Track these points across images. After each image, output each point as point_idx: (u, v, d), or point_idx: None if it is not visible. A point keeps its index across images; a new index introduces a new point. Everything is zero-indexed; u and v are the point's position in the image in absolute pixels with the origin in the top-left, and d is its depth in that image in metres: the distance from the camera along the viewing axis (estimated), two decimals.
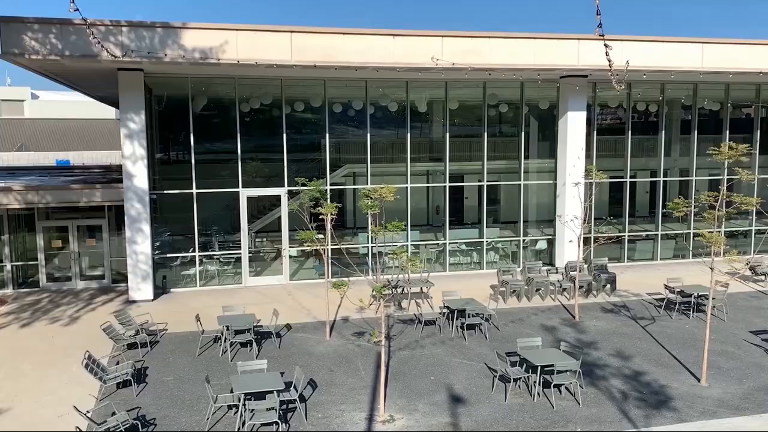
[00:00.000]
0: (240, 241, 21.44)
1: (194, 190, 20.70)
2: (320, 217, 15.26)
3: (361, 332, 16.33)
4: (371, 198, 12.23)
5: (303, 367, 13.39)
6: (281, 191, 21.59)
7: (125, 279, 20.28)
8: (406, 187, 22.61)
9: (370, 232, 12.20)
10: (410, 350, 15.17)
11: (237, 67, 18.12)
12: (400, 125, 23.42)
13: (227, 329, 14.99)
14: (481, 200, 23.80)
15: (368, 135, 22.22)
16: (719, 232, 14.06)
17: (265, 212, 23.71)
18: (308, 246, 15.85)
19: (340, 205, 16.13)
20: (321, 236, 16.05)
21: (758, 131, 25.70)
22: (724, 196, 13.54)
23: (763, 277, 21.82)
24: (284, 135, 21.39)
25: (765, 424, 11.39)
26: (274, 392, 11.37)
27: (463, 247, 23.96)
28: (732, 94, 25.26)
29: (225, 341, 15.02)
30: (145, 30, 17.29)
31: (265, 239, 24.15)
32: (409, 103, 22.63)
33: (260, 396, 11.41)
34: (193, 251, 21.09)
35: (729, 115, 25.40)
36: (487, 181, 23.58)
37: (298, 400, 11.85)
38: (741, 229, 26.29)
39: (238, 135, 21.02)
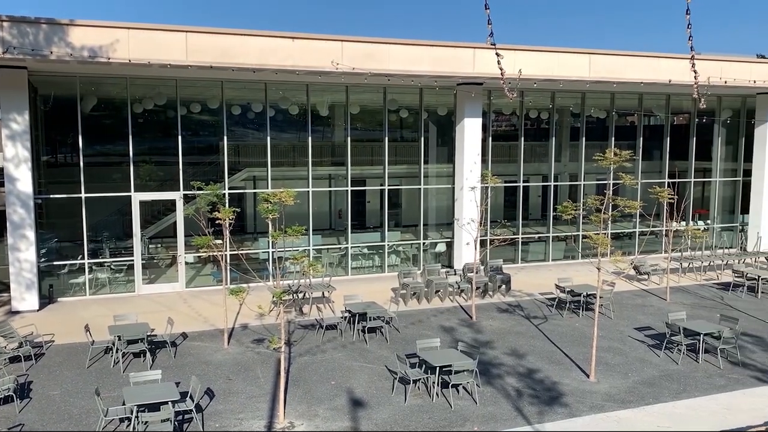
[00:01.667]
0: (132, 247, 20.62)
1: (83, 195, 19.74)
2: (218, 221, 14.91)
3: (260, 339, 16.07)
4: (270, 202, 12.06)
5: (200, 377, 13.02)
6: (176, 195, 20.93)
7: (8, 288, 19.06)
8: (308, 191, 22.48)
9: (270, 237, 12.00)
10: (311, 355, 15.07)
11: (129, 66, 17.44)
12: (301, 128, 23.29)
13: (119, 339, 14.36)
14: (382, 204, 24.02)
15: (268, 138, 21.93)
16: (605, 233, 14.80)
17: (159, 217, 22.96)
18: (205, 252, 15.45)
19: (238, 210, 15.82)
20: (219, 241, 15.69)
21: (641, 138, 27.29)
22: (610, 200, 14.27)
23: (646, 276, 23.17)
24: (180, 137, 20.76)
25: (648, 415, 12.06)
26: (169, 403, 10.99)
27: (365, 250, 24.08)
28: (617, 102, 26.70)
29: (116, 352, 14.39)
30: (28, 26, 16.33)
31: (159, 245, 23.38)
32: (310, 107, 22.52)
33: (154, 407, 11.00)
34: (82, 258, 20.09)
35: (614, 123, 26.84)
36: (389, 185, 23.82)
37: (194, 410, 11.50)
38: (626, 230, 27.82)
39: (131, 137, 20.21)
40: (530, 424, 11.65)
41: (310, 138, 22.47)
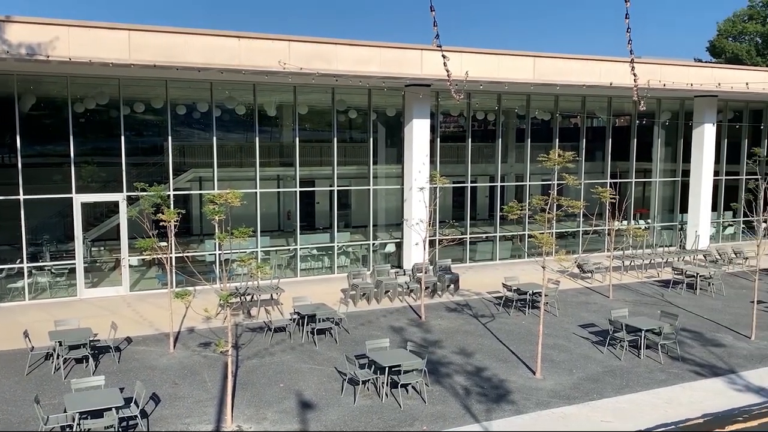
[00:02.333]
0: (74, 250, 20.04)
1: (21, 196, 19.10)
2: (162, 223, 14.63)
3: (207, 343, 15.83)
4: (216, 203, 11.90)
5: (145, 382, 12.75)
6: (119, 197, 20.45)
7: None
8: (256, 192, 22.26)
9: (216, 239, 11.83)
10: (259, 358, 14.92)
11: (69, 64, 16.96)
12: (248, 129, 23.06)
13: (60, 345, 13.94)
14: (332, 205, 23.96)
15: (215, 138, 21.62)
16: (550, 233, 15.09)
17: (102, 219, 22.41)
18: (149, 255, 15.14)
19: (183, 211, 15.52)
20: (164, 244, 15.40)
21: (584, 140, 27.93)
22: (554, 200, 14.56)
23: (589, 275, 23.72)
24: (123, 137, 20.27)
25: (592, 411, 12.34)
26: (113, 409, 10.73)
27: (315, 252, 23.98)
28: (561, 104, 27.26)
29: (57, 358, 13.96)
30: None
31: (102, 248, 22.81)
32: (258, 107, 22.32)
33: (97, 414, 10.72)
34: (21, 262, 19.44)
35: (558, 125, 27.39)
36: (338, 186, 23.78)
37: (139, 416, 11.26)
38: (570, 230, 28.43)
39: (72, 137, 19.65)
40: (478, 422, 11.79)
41: (257, 138, 22.26)
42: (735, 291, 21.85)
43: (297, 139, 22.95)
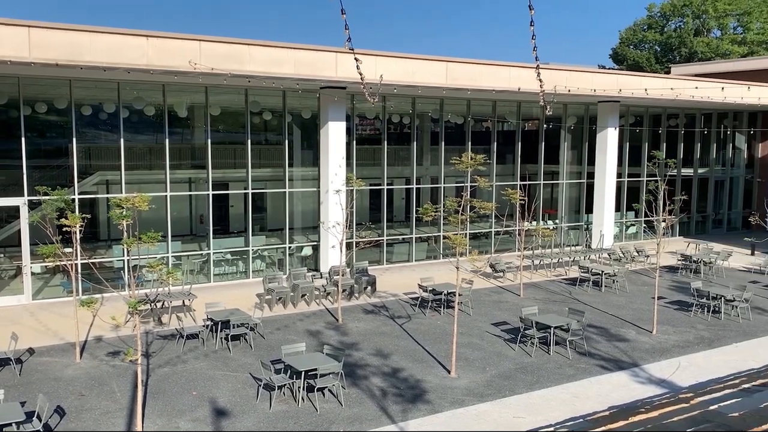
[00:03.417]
0: None
1: None
2: (66, 229, 14.01)
3: (116, 352, 15.26)
4: (123, 207, 11.50)
5: (49, 394, 12.18)
6: (20, 201, 19.43)
7: None
8: (166, 196, 21.63)
9: (124, 245, 11.43)
10: (171, 366, 14.51)
11: None
12: (158, 130, 22.40)
13: None
14: (246, 208, 23.57)
15: (122, 140, 20.87)
16: (463, 234, 15.40)
17: (1, 225, 21.22)
18: (53, 261, 14.45)
19: (89, 216, 14.92)
20: (68, 250, 14.74)
21: (495, 143, 28.65)
22: (467, 202, 14.87)
23: (501, 274, 24.35)
24: (23, 139, 19.27)
25: (504, 407, 12.66)
26: (13, 424, 10.18)
27: (229, 256, 23.53)
28: (473, 109, 27.87)
29: None
30: None
31: (2, 255, 21.63)
32: (168, 108, 21.69)
33: None
34: None
35: (471, 128, 28.00)
36: (253, 189, 23.43)
37: (41, 430, 10.72)
38: (482, 231, 29.09)
39: None
40: (394, 422, 11.88)
41: (167, 140, 21.64)
42: (637, 288, 22.95)
43: (209, 140, 22.45)
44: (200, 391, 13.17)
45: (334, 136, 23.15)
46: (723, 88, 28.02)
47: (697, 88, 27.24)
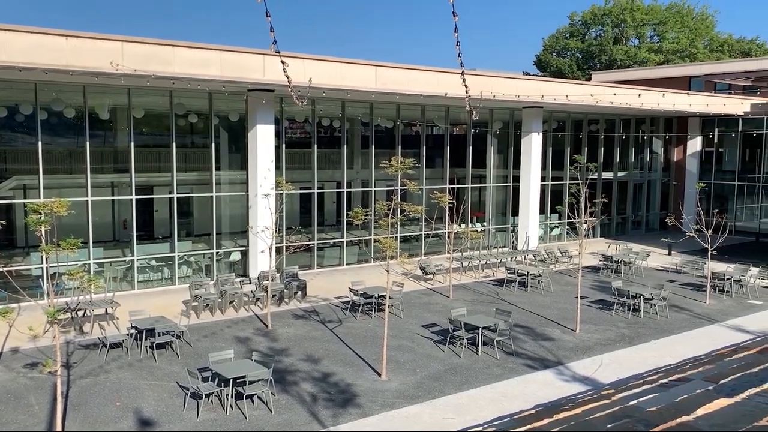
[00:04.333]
0: None
1: None
2: None
3: (34, 363, 14.63)
4: (40, 213, 11.03)
5: None
6: None
7: None
8: (87, 201, 20.89)
9: (42, 252, 10.97)
10: (93, 377, 14.01)
11: None
12: (79, 133, 21.62)
13: None
14: (172, 213, 23.01)
15: (40, 143, 20.02)
16: (393, 237, 15.50)
17: None
18: None
19: (4, 222, 14.22)
20: None
21: (424, 147, 28.96)
22: (397, 205, 14.97)
23: (431, 276, 24.61)
24: None
25: (434, 408, 12.80)
26: None
27: (153, 262, 22.90)
28: (403, 113, 28.09)
29: None
30: None
31: None
32: (89, 110, 20.96)
33: None
34: None
35: (400, 132, 28.21)
36: (178, 193, 22.88)
37: None
38: (412, 234, 29.35)
39: None
40: (325, 427, 11.83)
41: (88, 143, 20.90)
42: (561, 287, 23.62)
43: (132, 144, 21.81)
44: (124, 401, 12.78)
45: (263, 139, 22.88)
46: (640, 95, 29.23)
47: (615, 94, 28.29)
